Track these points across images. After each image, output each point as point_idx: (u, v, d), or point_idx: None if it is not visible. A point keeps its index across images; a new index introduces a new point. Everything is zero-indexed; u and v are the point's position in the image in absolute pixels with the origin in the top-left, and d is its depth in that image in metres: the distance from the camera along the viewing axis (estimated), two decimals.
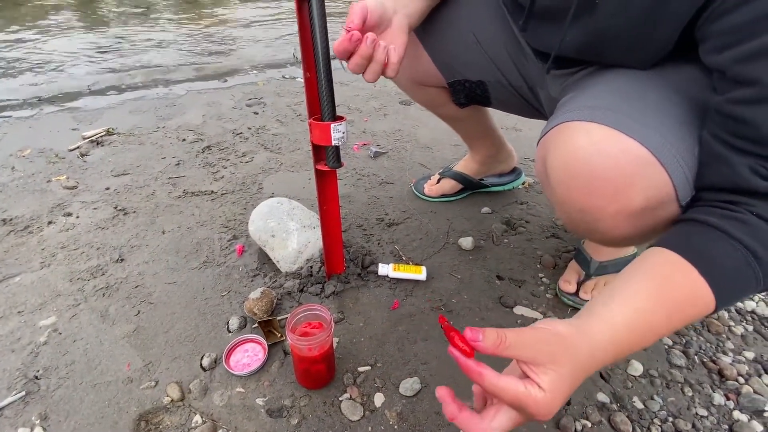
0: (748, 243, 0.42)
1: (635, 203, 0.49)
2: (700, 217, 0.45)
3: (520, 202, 1.22)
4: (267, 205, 0.96)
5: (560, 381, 0.36)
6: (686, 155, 0.49)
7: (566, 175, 0.52)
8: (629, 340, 0.39)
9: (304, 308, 0.67)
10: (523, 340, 0.36)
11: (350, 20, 0.57)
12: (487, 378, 0.35)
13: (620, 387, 0.73)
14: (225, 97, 1.94)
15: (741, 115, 0.42)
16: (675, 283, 0.41)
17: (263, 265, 0.95)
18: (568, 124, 0.53)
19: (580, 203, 0.53)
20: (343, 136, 0.71)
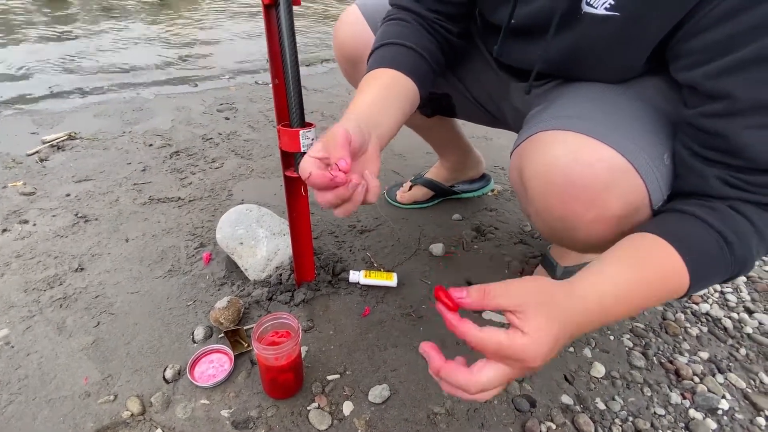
0: (719, 228, 0.44)
1: (612, 209, 0.50)
2: (676, 206, 0.48)
3: (489, 208, 1.24)
4: (235, 212, 0.94)
5: (547, 325, 0.35)
6: (657, 161, 0.51)
7: (545, 183, 0.53)
8: (614, 308, 0.41)
9: (271, 317, 0.66)
10: (508, 289, 0.37)
11: (337, 155, 0.44)
12: (470, 330, 0.36)
13: (584, 389, 0.74)
14: (195, 102, 1.90)
15: (712, 128, 0.45)
16: (657, 260, 0.43)
17: (231, 274, 0.93)
18: (544, 133, 0.54)
19: (559, 211, 0.53)
20: (313, 143, 0.70)
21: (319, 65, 2.63)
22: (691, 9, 0.44)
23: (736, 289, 1.01)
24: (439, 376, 0.38)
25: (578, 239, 0.56)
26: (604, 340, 0.84)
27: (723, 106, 0.43)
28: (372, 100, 0.58)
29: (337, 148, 0.44)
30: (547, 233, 0.61)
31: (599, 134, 0.50)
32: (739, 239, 0.44)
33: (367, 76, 0.61)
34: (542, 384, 0.75)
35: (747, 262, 0.46)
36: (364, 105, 0.57)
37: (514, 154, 0.60)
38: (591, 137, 0.50)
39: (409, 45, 0.63)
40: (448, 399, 0.71)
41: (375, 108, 0.57)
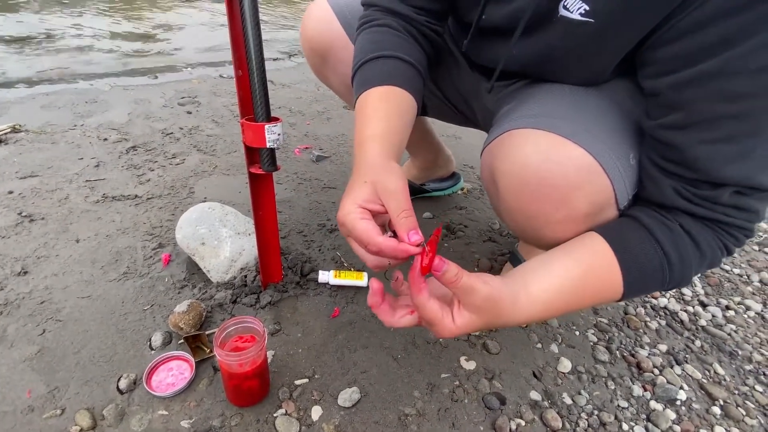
0: (667, 248, 0.47)
1: (581, 209, 0.51)
2: (638, 216, 0.51)
3: (459, 207, 1.24)
4: (197, 211, 0.90)
5: (470, 325, 0.43)
6: (624, 162, 0.51)
7: (516, 182, 0.53)
8: (543, 314, 0.47)
9: (234, 321, 0.63)
10: (470, 289, 0.41)
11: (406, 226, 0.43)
12: (422, 296, 0.42)
13: (551, 384, 0.75)
14: (155, 95, 1.81)
15: (669, 140, 0.46)
16: (598, 272, 0.48)
17: (192, 276, 0.89)
18: (515, 131, 0.54)
19: (529, 210, 0.54)
20: (279, 138, 0.68)
21: (287, 60, 2.57)
22: (664, 18, 0.44)
23: (691, 284, 1.06)
24: (373, 311, 0.46)
25: (546, 237, 0.56)
26: (569, 335, 0.86)
27: (680, 117, 0.44)
28: (394, 127, 0.55)
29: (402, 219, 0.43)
30: (516, 231, 0.62)
31: (569, 133, 0.50)
32: (681, 262, 0.48)
33: (377, 96, 0.58)
34: (511, 381, 0.75)
35: (683, 282, 0.50)
36: (390, 134, 0.54)
37: (484, 153, 0.60)
38: (561, 136, 0.50)
39: (407, 59, 0.61)
40: (419, 399, 0.70)
41: (398, 137, 0.55)
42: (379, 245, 0.42)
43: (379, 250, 0.42)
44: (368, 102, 0.58)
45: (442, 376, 0.74)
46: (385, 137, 0.53)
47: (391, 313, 0.46)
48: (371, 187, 0.45)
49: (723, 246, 0.49)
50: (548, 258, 0.49)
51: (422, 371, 0.75)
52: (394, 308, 0.47)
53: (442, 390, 0.72)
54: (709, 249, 0.48)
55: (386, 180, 0.45)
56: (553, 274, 0.47)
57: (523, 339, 0.83)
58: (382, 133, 0.53)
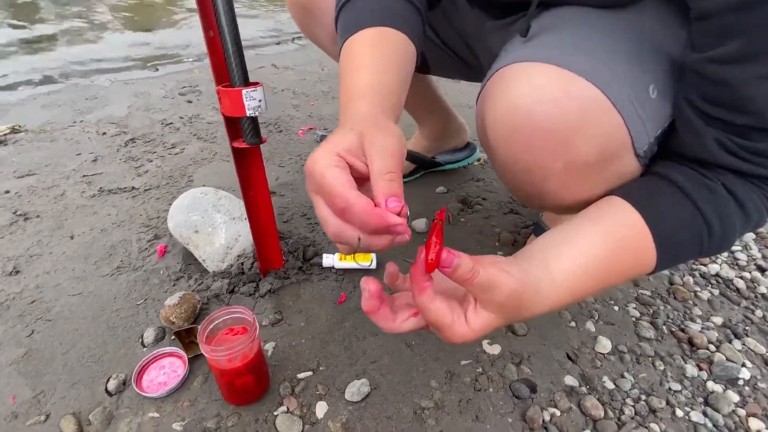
0: (708, 215, 0.41)
1: (585, 155, 0.43)
2: (672, 175, 0.43)
3: (476, 179, 1.16)
4: (188, 197, 0.84)
5: (489, 327, 0.36)
6: (640, 94, 0.42)
7: (506, 129, 0.45)
8: (568, 300, 0.40)
9: (221, 312, 0.57)
10: (491, 284, 0.34)
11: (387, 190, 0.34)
12: (425, 296, 0.35)
13: (588, 367, 0.67)
14: (155, 87, 1.78)
15: (720, 76, 0.37)
16: (629, 247, 0.41)
17: (188, 266, 0.83)
18: (506, 69, 0.45)
19: (524, 162, 0.46)
20: (260, 104, 0.60)
21: (290, 43, 2.50)
22: None
23: (746, 247, 0.94)
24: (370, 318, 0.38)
25: (551, 195, 0.49)
26: (607, 311, 0.77)
27: (736, 47, 0.36)
28: (390, 81, 0.46)
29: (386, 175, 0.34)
30: (517, 193, 0.54)
31: (568, 63, 0.41)
32: (723, 227, 0.42)
33: (367, 41, 0.49)
34: (542, 365, 0.67)
35: (722, 249, 0.44)
36: (385, 89, 0.45)
37: (479, 99, 0.51)
38: (558, 67, 0.41)
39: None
40: (437, 390, 0.63)
41: (395, 92, 0.46)
42: (348, 200, 0.32)
43: (346, 208, 0.32)
44: (356, 49, 0.48)
45: (462, 363, 0.66)
46: (379, 93, 0.44)
47: (392, 317, 0.38)
48: (357, 137, 0.35)
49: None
50: (571, 232, 0.42)
51: (439, 358, 0.67)
52: (395, 310, 0.39)
53: (463, 379, 0.64)
54: (755, 211, 0.42)
55: (378, 134, 0.36)
56: (577, 252, 0.40)
57: (554, 318, 0.74)
58: (376, 88, 0.44)
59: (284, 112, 1.55)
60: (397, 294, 0.42)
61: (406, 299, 0.41)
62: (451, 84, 1.82)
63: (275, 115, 1.53)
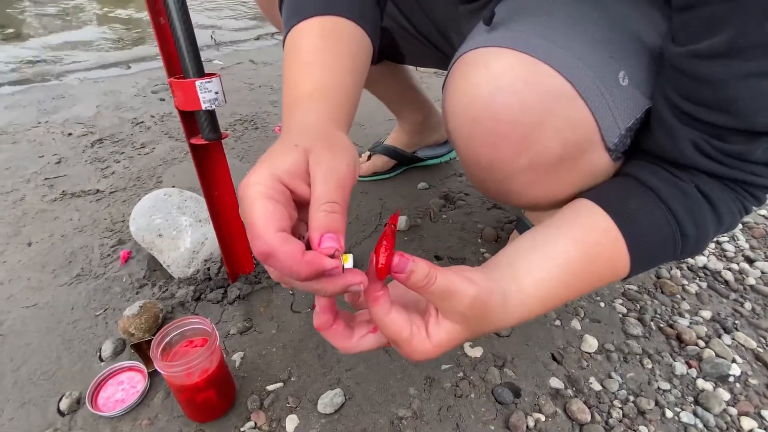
0: (682, 219, 0.40)
1: (551, 150, 0.41)
2: (644, 176, 0.42)
3: (458, 174, 1.13)
4: (151, 199, 0.80)
5: (453, 340, 0.34)
6: (608, 80, 0.39)
7: (466, 122, 0.42)
8: (538, 310, 0.38)
9: (177, 324, 0.53)
10: (449, 291, 0.31)
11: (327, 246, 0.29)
12: (379, 309, 0.32)
13: (575, 368, 0.64)
14: (127, 85, 1.72)
15: (704, 73, 0.35)
16: (601, 253, 0.40)
17: (153, 273, 0.79)
18: (465, 56, 0.42)
19: (486, 158, 0.43)
20: (217, 97, 0.56)
21: (270, 38, 2.44)
22: None
23: (733, 237, 0.92)
24: (323, 335, 0.35)
25: (516, 193, 0.46)
26: (593, 308, 0.74)
27: (723, 41, 0.33)
28: (341, 81, 0.41)
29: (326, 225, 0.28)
30: (481, 188, 0.51)
31: (529, 48, 0.38)
32: (697, 233, 0.40)
33: (315, 33, 0.43)
34: (526, 368, 0.64)
35: (696, 252, 0.43)
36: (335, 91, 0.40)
37: (443, 90, 0.48)
38: (518, 52, 0.38)
39: None
40: (416, 398, 0.59)
41: (347, 95, 0.42)
42: (270, 245, 0.26)
43: (269, 253, 0.26)
44: (303, 42, 0.44)
45: (442, 367, 0.63)
46: (330, 97, 0.40)
47: (347, 334, 0.35)
48: (302, 155, 0.30)
49: (743, 208, 0.41)
50: (540, 239, 0.40)
51: (418, 364, 0.63)
52: (352, 327, 0.36)
53: (443, 385, 0.61)
54: (728, 214, 0.41)
55: (325, 153, 0.30)
56: (547, 260, 0.38)
57: (539, 317, 0.71)
58: (326, 91, 0.40)
59: (261, 109, 1.51)
60: (360, 311, 0.39)
61: (366, 316, 0.37)
62: (433, 77, 1.79)
63: (251, 111, 1.49)
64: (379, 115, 1.43)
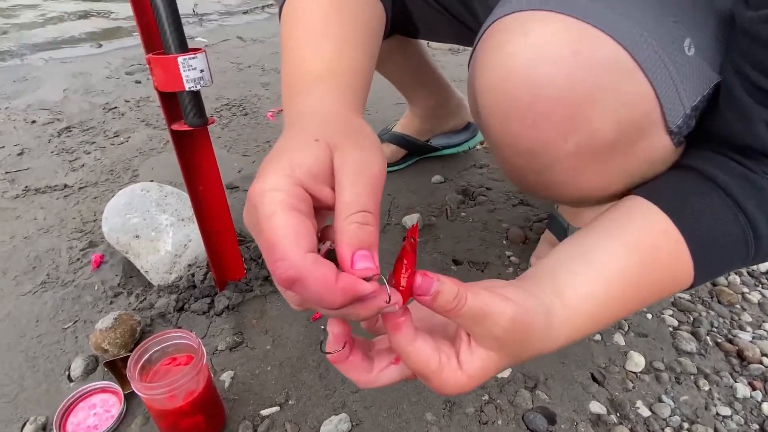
0: (754, 217, 0.39)
1: (602, 132, 0.39)
2: (708, 168, 0.41)
3: (479, 165, 1.13)
4: (126, 195, 0.80)
5: (489, 370, 0.33)
6: (672, 50, 0.38)
7: (500, 100, 0.41)
8: (587, 330, 0.38)
9: (157, 339, 0.52)
10: (483, 314, 0.31)
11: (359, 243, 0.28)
12: (401, 338, 0.31)
13: (618, 390, 0.63)
14: (98, 66, 1.74)
15: None
16: (659, 260, 0.39)
17: (129, 280, 0.80)
18: (500, 21, 0.41)
19: (525, 140, 0.42)
20: (203, 75, 0.56)
21: (260, 11, 2.44)
22: None
23: None
24: (337, 368, 0.35)
25: (561, 187, 0.46)
26: (639, 320, 0.73)
27: None
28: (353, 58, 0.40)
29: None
30: (518, 181, 0.51)
31: (578, 11, 0.37)
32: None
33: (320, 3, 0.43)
34: (562, 390, 0.63)
35: None
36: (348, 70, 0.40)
37: (470, 63, 0.47)
38: (565, 16, 0.37)
39: None
40: (434, 425, 0.58)
41: (361, 74, 0.41)
42: (299, 271, 0.25)
43: (297, 279, 0.25)
44: (306, 13, 0.43)
45: None
46: (343, 78, 0.39)
47: (366, 367, 0.34)
48: (325, 152, 0.29)
49: None
50: (587, 244, 0.40)
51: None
52: (371, 358, 0.35)
53: (466, 410, 0.60)
54: None
55: (354, 148, 0.29)
56: (597, 271, 0.38)
57: None
58: (339, 71, 0.39)
59: (251, 92, 1.52)
60: (378, 338, 0.38)
61: (386, 343, 0.36)
62: (448, 55, 1.78)
63: (240, 95, 1.49)
64: (387, 98, 1.43)
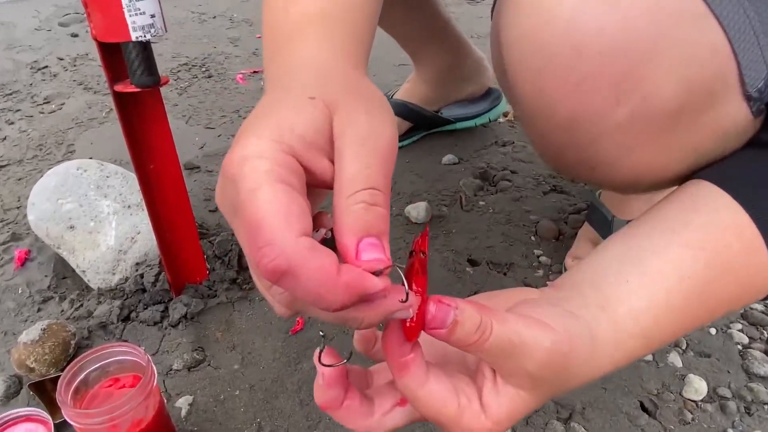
0: None
1: (663, 96, 0.40)
2: None
3: (501, 142, 1.15)
4: (58, 175, 0.81)
5: (519, 412, 0.33)
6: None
7: (534, 55, 0.42)
8: (640, 352, 0.38)
9: (95, 355, 0.53)
10: (513, 346, 0.31)
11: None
12: (410, 381, 0.31)
13: (674, 422, 0.64)
14: (23, 14, 1.76)
15: None
16: (731, 263, 0.39)
17: (62, 282, 0.81)
18: None
19: (565, 108, 0.43)
20: (154, 23, 0.57)
21: None
22: None
23: None
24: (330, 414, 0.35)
25: (608, 167, 0.47)
26: (701, 336, 0.74)
27: None
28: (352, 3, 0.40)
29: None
30: (554, 161, 0.53)
31: None
32: None
33: None
34: (603, 422, 0.64)
35: None
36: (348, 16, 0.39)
37: (494, 11, 0.48)
38: None
39: None
40: None
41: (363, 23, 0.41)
42: (291, 259, 0.24)
43: (287, 271, 0.24)
44: None
45: None
46: (344, 21, 0.39)
47: (365, 411, 0.34)
48: (323, 113, 0.28)
49: None
50: (638, 244, 0.40)
51: None
52: (369, 399, 0.35)
53: None
54: None
55: (359, 110, 0.29)
56: (653, 279, 0.38)
57: None
58: (336, 13, 0.39)
59: (216, 49, 1.53)
60: (376, 367, 0.38)
61: (387, 374, 0.36)
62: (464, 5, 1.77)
63: (202, 52, 1.51)
64: (387, 57, 1.44)
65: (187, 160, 1.04)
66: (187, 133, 1.14)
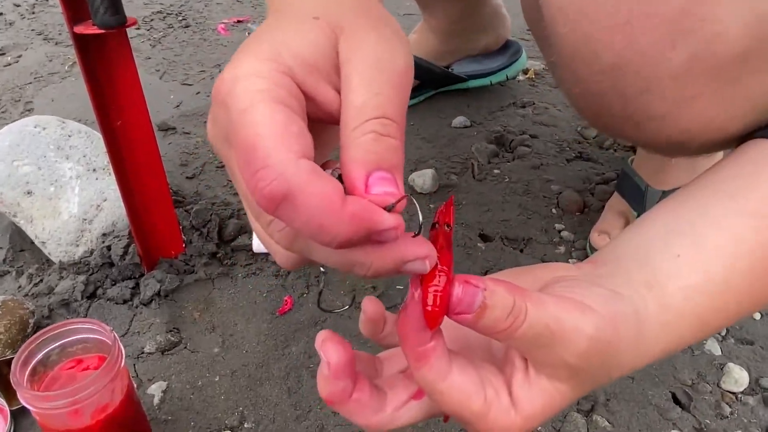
0: None
1: (728, 36, 0.40)
2: None
3: (520, 103, 1.15)
4: (13, 134, 0.82)
5: (554, 407, 0.34)
6: None
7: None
8: (693, 336, 0.39)
9: (55, 332, 0.54)
10: (552, 333, 0.31)
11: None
12: (429, 373, 0.31)
13: (710, 416, 0.65)
14: None
15: None
16: None
17: (19, 254, 0.83)
18: None
19: (612, 50, 0.44)
20: None
21: None
22: None
23: None
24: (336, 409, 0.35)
25: (659, 120, 0.47)
26: (742, 321, 0.75)
27: None
28: None
29: None
30: (593, 114, 0.54)
31: None
32: None
33: None
34: (630, 415, 0.65)
35: None
36: None
37: None
38: None
39: None
40: None
41: None
42: (290, 180, 0.24)
43: (286, 195, 0.24)
44: None
45: None
46: None
47: (375, 406, 0.34)
48: (327, 35, 0.29)
49: None
50: (691, 211, 0.41)
51: None
52: (381, 390, 0.35)
53: None
54: None
55: (369, 32, 0.30)
56: (709, 252, 0.38)
57: None
58: None
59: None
60: (387, 353, 0.39)
61: (400, 362, 0.37)
62: None
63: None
64: (391, 6, 1.42)
65: (162, 120, 1.05)
66: (161, 90, 1.14)
